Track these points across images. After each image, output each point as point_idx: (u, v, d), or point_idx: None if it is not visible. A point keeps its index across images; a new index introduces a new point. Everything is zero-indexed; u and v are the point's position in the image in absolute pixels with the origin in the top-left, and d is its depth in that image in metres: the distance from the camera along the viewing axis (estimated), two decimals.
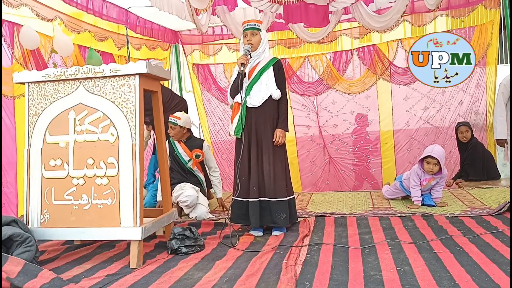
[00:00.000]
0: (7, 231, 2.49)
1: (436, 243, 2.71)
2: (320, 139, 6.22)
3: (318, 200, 4.45)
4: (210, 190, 4.34)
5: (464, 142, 5.03)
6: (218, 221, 3.65)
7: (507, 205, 3.40)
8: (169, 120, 3.96)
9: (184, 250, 2.80)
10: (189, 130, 4.08)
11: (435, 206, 3.77)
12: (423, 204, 3.83)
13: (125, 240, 3.05)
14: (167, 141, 4.12)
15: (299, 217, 3.55)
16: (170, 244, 2.84)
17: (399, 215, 3.54)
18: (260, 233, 3.23)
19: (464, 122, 5.18)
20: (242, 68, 3.17)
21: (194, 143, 4.04)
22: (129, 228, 2.61)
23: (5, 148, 3.72)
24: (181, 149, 3.97)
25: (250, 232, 3.25)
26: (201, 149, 4.02)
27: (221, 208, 4.13)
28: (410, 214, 3.52)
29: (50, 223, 2.75)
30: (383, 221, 3.37)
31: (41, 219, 2.76)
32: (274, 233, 3.19)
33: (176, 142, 3.97)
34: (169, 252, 2.83)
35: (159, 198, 3.91)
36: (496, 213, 3.39)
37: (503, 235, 2.81)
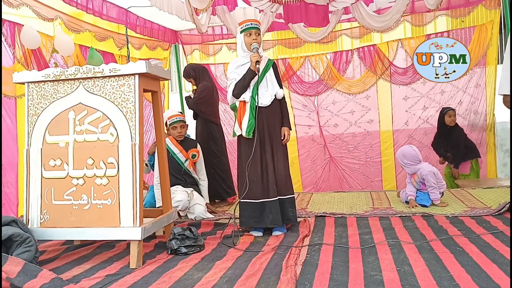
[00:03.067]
0: (7, 231, 2.49)
1: (436, 243, 2.71)
2: (320, 139, 6.24)
3: (318, 200, 4.44)
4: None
5: (450, 127, 5.10)
6: (218, 221, 3.65)
7: (507, 205, 3.40)
8: (180, 119, 3.96)
9: (184, 250, 2.80)
10: None
11: (426, 206, 3.78)
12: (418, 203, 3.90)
13: (125, 240, 3.05)
14: None
15: (299, 217, 3.55)
16: (170, 244, 2.83)
17: (399, 215, 3.54)
18: (260, 234, 3.22)
19: (450, 107, 5.26)
20: (258, 66, 3.15)
21: (189, 143, 4.06)
22: (129, 228, 2.61)
23: (6, 148, 3.72)
24: (176, 150, 3.96)
25: (250, 232, 3.24)
26: (196, 148, 4.04)
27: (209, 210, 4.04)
28: (410, 215, 3.52)
29: (50, 223, 2.75)
30: (383, 221, 3.37)
31: (41, 219, 2.76)
32: (274, 233, 3.18)
33: (170, 144, 3.95)
34: (169, 252, 2.83)
35: (158, 204, 3.83)
36: (496, 213, 3.38)
37: (503, 235, 2.80)
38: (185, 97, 4.63)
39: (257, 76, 3.19)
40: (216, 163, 4.42)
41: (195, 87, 4.53)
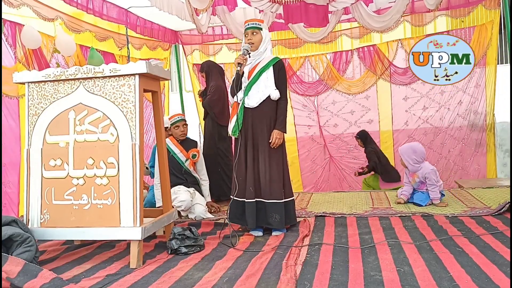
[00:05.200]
0: (7, 231, 2.49)
1: (436, 243, 2.71)
2: (320, 139, 6.26)
3: (318, 200, 4.44)
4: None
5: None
6: (218, 221, 3.66)
7: (507, 205, 3.40)
8: (181, 118, 3.99)
9: (184, 250, 2.80)
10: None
11: (421, 206, 3.79)
12: (412, 202, 3.91)
13: (125, 240, 3.05)
14: None
15: (299, 217, 3.55)
16: (170, 244, 2.84)
17: (399, 215, 3.54)
18: (260, 233, 3.22)
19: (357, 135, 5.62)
20: (238, 68, 3.16)
21: (189, 143, 4.07)
22: (129, 228, 2.61)
23: (9, 148, 3.72)
24: (177, 149, 3.97)
25: (250, 232, 3.24)
26: (196, 148, 4.05)
27: (213, 208, 4.05)
28: (410, 214, 3.52)
29: (50, 223, 2.75)
30: (383, 221, 3.37)
31: (41, 219, 2.76)
32: (274, 233, 3.19)
33: (171, 144, 3.96)
34: (169, 252, 2.83)
35: (158, 204, 3.81)
36: (496, 213, 3.38)
37: (503, 235, 2.80)
38: (200, 96, 4.64)
39: (246, 77, 3.22)
40: (223, 163, 4.43)
41: (200, 89, 4.53)
